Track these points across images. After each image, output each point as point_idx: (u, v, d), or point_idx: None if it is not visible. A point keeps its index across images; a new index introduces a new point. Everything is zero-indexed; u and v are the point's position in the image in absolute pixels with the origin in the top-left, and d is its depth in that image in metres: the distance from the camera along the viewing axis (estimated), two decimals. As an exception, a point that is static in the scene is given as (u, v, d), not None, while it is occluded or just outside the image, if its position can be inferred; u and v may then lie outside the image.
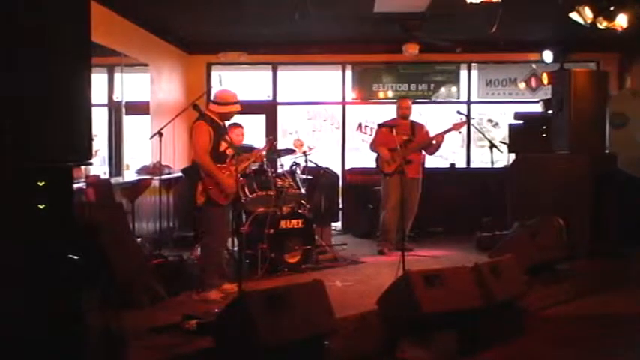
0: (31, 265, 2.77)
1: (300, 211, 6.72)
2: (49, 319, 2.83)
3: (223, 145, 5.46)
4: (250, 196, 6.51)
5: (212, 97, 5.70)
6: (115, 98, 7.31)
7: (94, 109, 3.10)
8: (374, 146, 7.72)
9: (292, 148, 7.38)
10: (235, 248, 6.53)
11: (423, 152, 7.82)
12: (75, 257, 2.95)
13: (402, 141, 7.33)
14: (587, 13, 6.02)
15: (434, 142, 7.55)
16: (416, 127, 7.65)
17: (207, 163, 5.34)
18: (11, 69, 2.66)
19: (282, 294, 3.68)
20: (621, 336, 4.92)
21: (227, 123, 5.81)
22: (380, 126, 7.53)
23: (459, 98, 10.18)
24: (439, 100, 10.18)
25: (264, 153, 6.38)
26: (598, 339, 4.81)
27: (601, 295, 5.85)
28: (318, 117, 10.60)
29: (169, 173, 7.97)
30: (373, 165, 7.78)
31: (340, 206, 9.19)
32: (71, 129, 2.90)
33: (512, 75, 10.20)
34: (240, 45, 9.55)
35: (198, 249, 7.00)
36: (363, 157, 9.79)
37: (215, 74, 9.94)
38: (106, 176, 6.87)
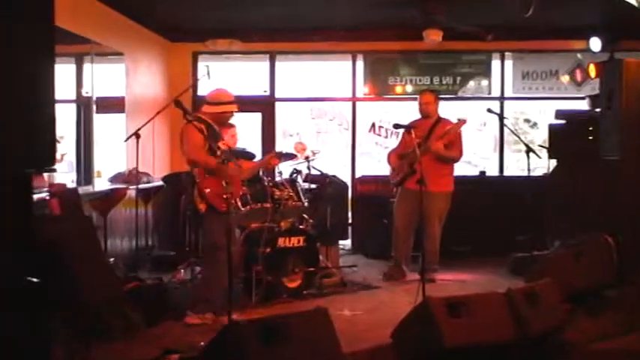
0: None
1: (301, 226, 6.75)
2: (7, 351, 2.84)
3: (219, 150, 5.53)
4: (243, 209, 6.52)
5: (205, 98, 5.87)
6: (84, 93, 7.36)
7: (58, 107, 3.13)
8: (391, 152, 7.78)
9: (293, 152, 7.41)
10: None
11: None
12: (35, 280, 2.97)
13: (415, 145, 7.23)
14: (643, -7, 6.01)
15: (432, 148, 7.17)
16: (437, 126, 7.33)
17: (203, 158, 5.50)
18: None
19: (279, 325, 3.68)
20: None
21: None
22: (396, 127, 7.52)
23: (490, 94, 10.21)
24: (466, 96, 10.21)
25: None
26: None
27: (658, 328, 5.84)
28: (324, 116, 10.64)
29: (148, 182, 7.99)
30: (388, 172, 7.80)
31: (349, 221, 9.20)
32: (31, 130, 2.93)
33: (553, 67, 10.20)
34: (232, 31, 9.59)
35: (182, 271, 7.04)
36: (377, 163, 9.81)
37: (202, 65, 9.98)
38: (74, 185, 6.90)
